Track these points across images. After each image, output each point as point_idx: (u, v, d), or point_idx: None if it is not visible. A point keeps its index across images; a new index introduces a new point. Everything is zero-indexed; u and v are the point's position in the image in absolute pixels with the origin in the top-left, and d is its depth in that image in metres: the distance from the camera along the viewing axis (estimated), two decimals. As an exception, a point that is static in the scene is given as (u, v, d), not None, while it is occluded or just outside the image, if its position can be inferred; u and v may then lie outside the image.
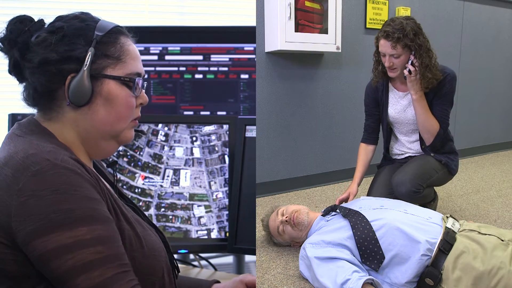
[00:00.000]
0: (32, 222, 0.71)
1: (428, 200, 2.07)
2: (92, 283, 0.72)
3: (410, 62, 1.91)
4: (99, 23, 0.88)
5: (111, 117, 0.87)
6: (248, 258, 1.64)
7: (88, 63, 0.83)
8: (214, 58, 1.70)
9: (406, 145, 2.15)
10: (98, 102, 0.86)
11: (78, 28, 0.85)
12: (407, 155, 2.17)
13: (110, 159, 1.05)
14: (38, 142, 0.80)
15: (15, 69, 0.86)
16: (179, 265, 1.04)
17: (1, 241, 0.74)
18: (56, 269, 0.72)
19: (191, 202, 1.35)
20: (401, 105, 2.08)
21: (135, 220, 0.89)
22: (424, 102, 1.97)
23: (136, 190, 1.35)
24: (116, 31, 0.89)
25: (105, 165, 1.06)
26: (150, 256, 0.87)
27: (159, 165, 1.36)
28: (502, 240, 1.40)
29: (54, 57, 0.82)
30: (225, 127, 1.37)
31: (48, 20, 0.88)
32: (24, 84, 0.88)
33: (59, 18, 0.88)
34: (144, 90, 0.95)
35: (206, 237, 1.34)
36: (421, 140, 2.09)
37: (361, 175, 2.19)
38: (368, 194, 2.14)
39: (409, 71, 1.91)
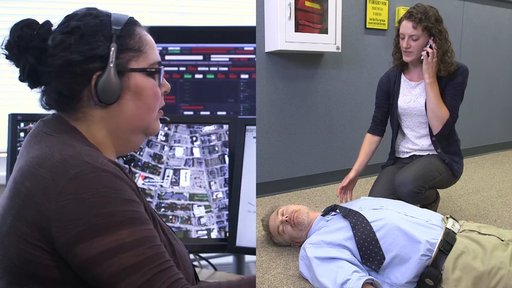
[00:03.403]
0: (74, 227, 0.69)
1: (429, 201, 2.07)
2: (133, 287, 0.70)
3: (428, 45, 1.96)
4: (112, 17, 0.85)
5: (142, 110, 0.86)
6: (248, 258, 1.63)
7: (113, 60, 0.81)
8: (214, 58, 1.69)
9: (412, 141, 2.15)
10: (127, 97, 0.85)
11: (95, 25, 0.83)
12: (412, 153, 2.17)
13: (129, 156, 1.03)
14: (72, 142, 0.78)
15: (31, 75, 0.82)
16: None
17: (39, 245, 0.71)
18: (100, 274, 0.70)
19: (191, 202, 1.35)
20: (412, 95, 2.10)
21: (166, 227, 0.88)
22: (437, 88, 2.00)
23: (136, 190, 1.35)
24: (131, 23, 0.87)
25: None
26: (180, 266, 0.85)
27: (159, 165, 1.36)
28: (502, 240, 1.40)
29: (77, 58, 0.80)
30: (225, 127, 1.37)
31: (54, 21, 0.85)
32: (42, 89, 0.85)
33: (70, 17, 0.85)
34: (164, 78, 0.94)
35: (206, 237, 1.34)
36: (430, 133, 2.09)
37: (361, 163, 2.21)
38: (370, 193, 2.14)
39: (427, 53, 1.95)
